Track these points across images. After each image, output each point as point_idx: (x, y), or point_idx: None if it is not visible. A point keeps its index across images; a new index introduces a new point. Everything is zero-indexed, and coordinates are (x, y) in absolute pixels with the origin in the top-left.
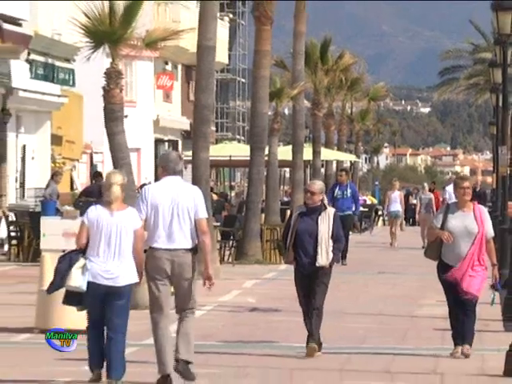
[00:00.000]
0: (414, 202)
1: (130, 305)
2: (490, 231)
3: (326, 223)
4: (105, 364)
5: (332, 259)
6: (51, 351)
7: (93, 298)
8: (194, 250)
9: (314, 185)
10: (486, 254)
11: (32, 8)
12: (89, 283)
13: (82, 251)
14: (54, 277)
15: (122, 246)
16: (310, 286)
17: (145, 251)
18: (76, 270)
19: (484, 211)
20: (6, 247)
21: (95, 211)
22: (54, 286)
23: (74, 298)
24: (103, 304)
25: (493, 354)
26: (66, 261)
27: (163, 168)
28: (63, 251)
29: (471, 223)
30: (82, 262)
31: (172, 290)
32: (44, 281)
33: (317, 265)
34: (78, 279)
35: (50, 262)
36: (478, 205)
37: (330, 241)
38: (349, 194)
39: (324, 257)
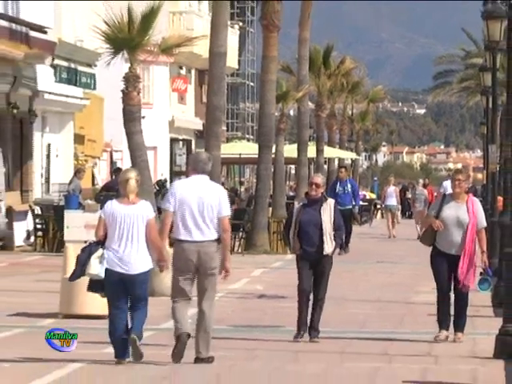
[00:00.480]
0: (410, 196)
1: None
2: (481, 222)
3: (328, 214)
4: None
5: (334, 247)
6: (84, 336)
7: (111, 284)
8: (219, 241)
9: (318, 177)
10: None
11: (56, 16)
12: (106, 270)
13: (101, 242)
14: (76, 266)
15: (136, 237)
16: (314, 274)
17: (171, 243)
18: (94, 260)
19: (476, 202)
20: (32, 239)
21: (111, 206)
22: (76, 275)
23: (97, 286)
24: (121, 288)
25: (483, 338)
26: (86, 251)
27: (193, 167)
28: (85, 242)
29: (463, 214)
30: (99, 251)
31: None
32: (67, 270)
33: (324, 253)
34: (96, 267)
35: (73, 253)
36: (472, 197)
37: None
38: (349, 190)
39: (329, 245)
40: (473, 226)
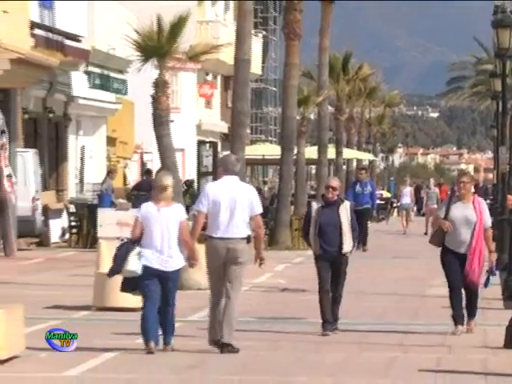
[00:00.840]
0: (423, 195)
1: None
2: (487, 221)
3: (345, 215)
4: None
5: (352, 246)
6: (108, 327)
7: (147, 279)
8: (248, 239)
9: (334, 181)
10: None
11: (89, 26)
12: (144, 267)
13: (136, 241)
14: (114, 263)
15: (170, 237)
16: (333, 272)
17: (205, 239)
18: (132, 257)
19: (482, 203)
20: (66, 235)
21: (146, 208)
22: (114, 271)
23: (129, 285)
24: (156, 284)
25: (494, 329)
26: (124, 249)
27: (224, 169)
28: (117, 238)
29: (471, 213)
30: (137, 249)
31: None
32: (100, 265)
33: (343, 252)
34: (134, 264)
35: (105, 249)
36: (478, 197)
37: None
38: (368, 190)
39: (348, 244)
40: (480, 224)
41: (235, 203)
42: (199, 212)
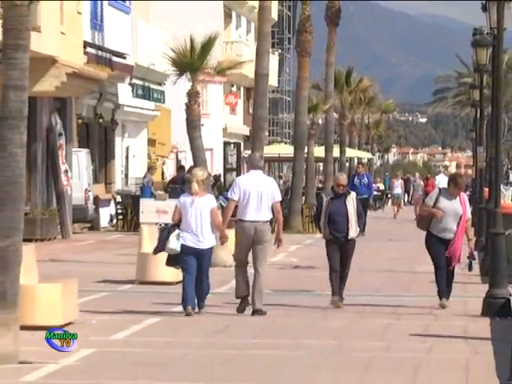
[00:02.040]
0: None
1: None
2: (469, 213)
3: (351, 205)
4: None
5: (358, 231)
6: (148, 298)
7: (185, 256)
8: (270, 222)
9: (342, 177)
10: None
11: (133, 45)
12: (182, 246)
13: (176, 225)
14: (158, 243)
15: (202, 221)
16: (342, 254)
17: (235, 222)
18: (173, 237)
19: (466, 197)
20: (114, 221)
21: (184, 197)
22: (158, 249)
23: (172, 261)
24: (192, 259)
25: (473, 300)
26: (166, 231)
27: (250, 165)
28: (156, 224)
29: (458, 207)
30: (176, 231)
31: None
32: (142, 246)
33: (349, 238)
34: (174, 243)
35: (146, 232)
36: (462, 193)
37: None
38: (365, 182)
39: (354, 230)
40: (465, 215)
41: (261, 192)
42: (231, 200)
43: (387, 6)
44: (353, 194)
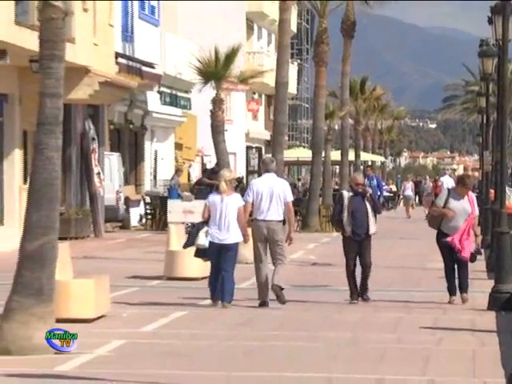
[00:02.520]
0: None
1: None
2: (477, 211)
3: (370, 203)
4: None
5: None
6: (176, 292)
7: (213, 251)
8: (283, 221)
9: (359, 176)
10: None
11: (161, 55)
12: (210, 242)
13: (205, 222)
14: (188, 238)
15: (229, 219)
16: (361, 249)
17: (251, 221)
18: (202, 234)
19: (474, 197)
20: (143, 220)
21: (212, 197)
22: (188, 244)
23: (200, 254)
24: (219, 255)
25: (480, 295)
26: (195, 228)
27: (263, 168)
28: (182, 223)
29: (467, 206)
30: (205, 228)
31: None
32: (170, 243)
33: (370, 233)
34: (203, 239)
35: (173, 231)
36: (470, 192)
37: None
38: (375, 183)
39: (373, 226)
40: (473, 214)
41: (272, 193)
42: (246, 202)
43: (399, 18)
44: (370, 192)
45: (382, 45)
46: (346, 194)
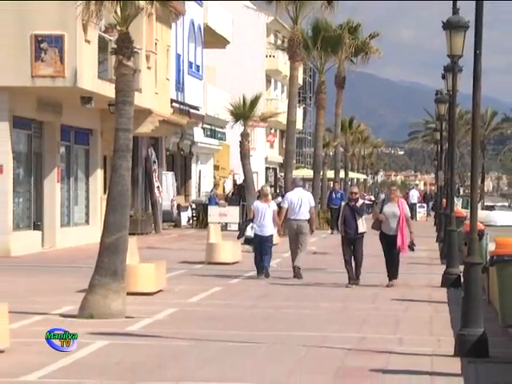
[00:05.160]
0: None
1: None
2: (408, 213)
3: (355, 209)
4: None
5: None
6: (214, 274)
7: (256, 241)
8: (308, 220)
9: (355, 188)
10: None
11: (204, 101)
12: (254, 234)
13: (251, 220)
14: (239, 232)
15: (267, 218)
16: (354, 245)
17: (287, 221)
18: (249, 228)
19: (404, 202)
20: (190, 221)
21: (256, 203)
22: (240, 236)
23: (248, 242)
24: (261, 243)
25: (436, 276)
26: (245, 224)
27: (294, 184)
28: (219, 223)
29: (396, 210)
30: (251, 224)
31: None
32: (209, 238)
33: (359, 232)
34: (249, 232)
35: (212, 229)
36: (401, 199)
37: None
38: (339, 196)
39: (362, 227)
40: (403, 216)
41: (301, 201)
42: (283, 207)
43: (377, 74)
44: (360, 202)
45: (365, 94)
46: (342, 204)
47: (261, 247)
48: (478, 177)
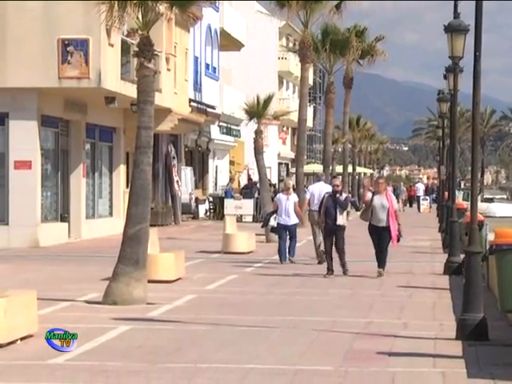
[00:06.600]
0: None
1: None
2: (395, 205)
3: (338, 202)
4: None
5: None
6: (230, 262)
7: (280, 229)
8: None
9: (337, 180)
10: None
11: (220, 100)
12: (277, 223)
13: (274, 211)
14: (264, 221)
15: (289, 209)
16: (336, 236)
17: (309, 211)
18: (272, 218)
19: (391, 194)
20: (208, 213)
21: (279, 195)
22: (264, 225)
23: (273, 230)
24: (285, 231)
25: (438, 264)
26: (269, 215)
27: (317, 178)
28: (234, 215)
29: (385, 201)
30: (274, 215)
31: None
32: (226, 228)
33: (337, 224)
34: (272, 222)
35: (228, 220)
36: (389, 191)
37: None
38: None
39: (341, 219)
40: (392, 207)
41: (321, 193)
42: (305, 198)
43: (383, 75)
44: (344, 195)
45: (372, 93)
46: (326, 195)
47: (286, 235)
48: (477, 171)
